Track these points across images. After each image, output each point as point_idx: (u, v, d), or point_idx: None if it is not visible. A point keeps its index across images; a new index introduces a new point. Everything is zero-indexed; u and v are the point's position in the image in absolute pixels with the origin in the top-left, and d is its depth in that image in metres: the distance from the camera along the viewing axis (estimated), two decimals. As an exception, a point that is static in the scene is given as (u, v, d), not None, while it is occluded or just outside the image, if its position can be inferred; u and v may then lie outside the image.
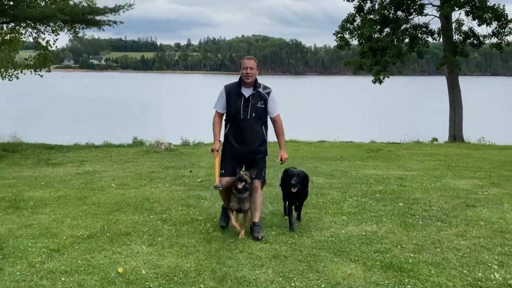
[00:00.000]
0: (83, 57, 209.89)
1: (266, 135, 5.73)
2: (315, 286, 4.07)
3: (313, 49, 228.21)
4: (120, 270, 4.43)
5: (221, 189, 5.69)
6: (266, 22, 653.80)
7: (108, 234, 5.55)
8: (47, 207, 6.97)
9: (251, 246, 5.08)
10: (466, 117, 23.89)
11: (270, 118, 5.69)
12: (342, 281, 4.16)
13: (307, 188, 5.89)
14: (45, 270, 4.47)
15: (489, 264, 4.53)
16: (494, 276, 4.25)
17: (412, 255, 4.79)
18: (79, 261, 4.68)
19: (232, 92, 5.62)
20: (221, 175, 5.63)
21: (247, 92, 5.58)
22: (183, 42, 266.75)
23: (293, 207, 5.84)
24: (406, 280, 4.17)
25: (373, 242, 5.17)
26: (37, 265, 4.60)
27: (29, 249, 5.07)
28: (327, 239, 5.30)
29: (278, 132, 5.76)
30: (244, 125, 5.54)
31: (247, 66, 5.54)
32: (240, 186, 5.40)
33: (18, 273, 4.42)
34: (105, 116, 38.19)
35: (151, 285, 4.10)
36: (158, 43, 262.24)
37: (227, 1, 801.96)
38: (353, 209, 6.61)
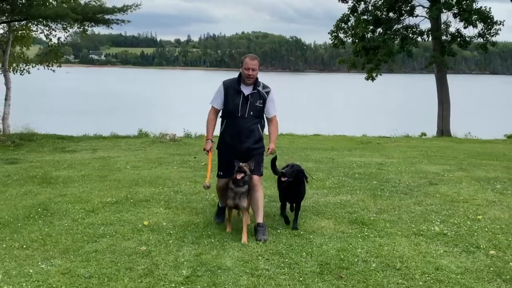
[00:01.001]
0: (83, 52, 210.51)
1: (262, 134, 5.61)
2: (295, 233, 5.34)
3: (312, 46, 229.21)
4: (145, 223, 5.69)
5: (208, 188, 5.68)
6: (266, 18, 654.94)
7: (131, 200, 6.80)
8: (75, 183, 8.22)
9: (248, 209, 6.32)
10: (458, 114, 25.18)
11: (267, 117, 5.59)
12: (316, 230, 5.44)
13: (304, 186, 5.73)
14: (86, 223, 5.73)
15: (433, 222, 5.80)
16: (434, 228, 5.51)
17: (374, 215, 6.06)
18: (112, 217, 5.94)
19: (230, 89, 5.49)
20: (219, 176, 5.60)
21: (246, 90, 5.44)
22: (183, 38, 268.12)
23: (286, 202, 5.81)
24: (366, 229, 5.44)
25: (345, 207, 6.45)
26: (79, 220, 5.87)
27: (69, 210, 6.33)
28: (309, 205, 6.56)
29: (272, 131, 5.64)
30: (241, 123, 5.41)
31: (250, 67, 5.37)
32: (239, 176, 5.21)
33: (66, 224, 5.68)
34: (109, 110, 39.46)
35: (171, 232, 5.36)
36: (158, 39, 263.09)
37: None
38: (334, 185, 7.88)
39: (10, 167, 10.20)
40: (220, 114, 5.63)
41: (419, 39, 24.06)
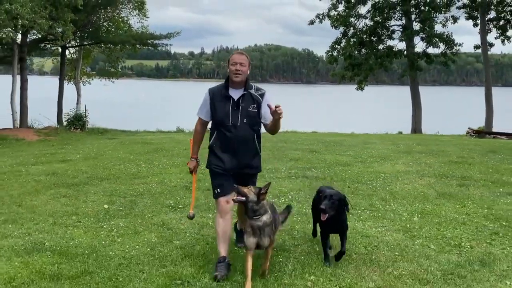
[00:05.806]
0: (99, 65, 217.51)
1: (260, 147, 4.88)
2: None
3: (324, 59, 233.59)
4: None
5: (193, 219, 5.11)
6: (278, 30, 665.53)
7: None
8: (165, 144, 14.66)
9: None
10: (437, 117, 31.04)
11: (265, 124, 4.81)
12: (292, 162, 11.84)
13: (345, 215, 4.77)
14: (181, 161, 12.23)
15: (347, 152, 12.20)
16: (345, 153, 11.91)
17: (321, 150, 12.48)
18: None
19: (217, 95, 4.81)
20: (217, 195, 4.83)
21: (236, 94, 4.75)
22: (196, 51, 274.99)
23: (328, 237, 4.91)
24: (314, 153, 11.83)
25: (310, 149, 12.88)
26: (176, 158, 12.36)
27: (175, 149, 12.83)
28: (291, 147, 12.97)
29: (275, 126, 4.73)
30: (234, 133, 4.73)
31: (237, 62, 4.67)
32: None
33: (176, 153, 12.23)
34: (148, 114, 46.11)
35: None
36: (172, 52, 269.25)
37: (240, 9, 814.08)
38: (309, 144, 14.28)
39: (115, 140, 16.78)
40: (209, 125, 5.06)
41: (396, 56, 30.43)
